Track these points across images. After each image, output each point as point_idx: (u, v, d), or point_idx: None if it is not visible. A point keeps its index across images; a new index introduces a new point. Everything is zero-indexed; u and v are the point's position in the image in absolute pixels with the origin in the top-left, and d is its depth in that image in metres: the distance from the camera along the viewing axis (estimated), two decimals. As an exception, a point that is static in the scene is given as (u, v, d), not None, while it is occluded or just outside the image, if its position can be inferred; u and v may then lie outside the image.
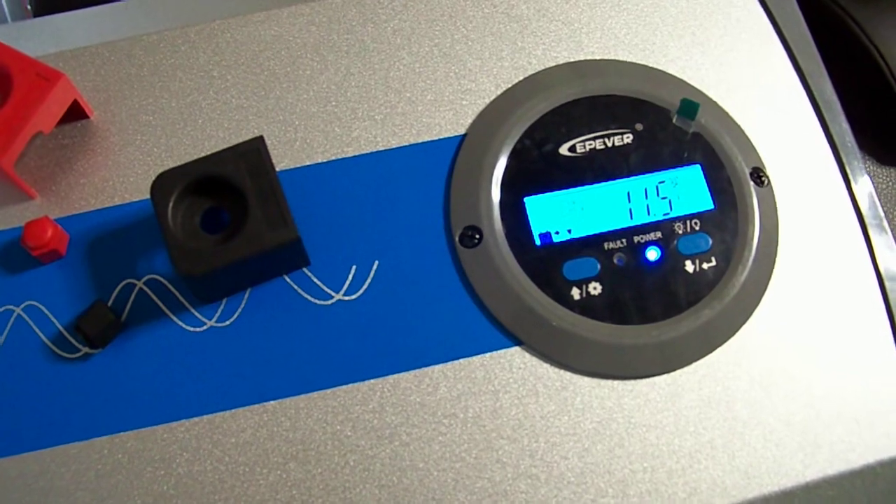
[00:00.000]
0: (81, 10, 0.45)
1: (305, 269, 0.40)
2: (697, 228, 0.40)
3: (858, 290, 0.41)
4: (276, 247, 0.36)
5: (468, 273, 0.39)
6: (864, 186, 0.43)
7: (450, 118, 0.42)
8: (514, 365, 0.39)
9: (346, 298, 0.39)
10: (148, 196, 0.40)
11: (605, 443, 0.38)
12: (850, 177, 0.43)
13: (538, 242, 0.39)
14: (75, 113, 0.41)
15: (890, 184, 0.61)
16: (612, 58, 0.44)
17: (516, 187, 0.40)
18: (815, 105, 0.44)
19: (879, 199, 0.43)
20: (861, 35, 0.58)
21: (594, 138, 0.41)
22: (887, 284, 0.41)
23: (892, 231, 0.43)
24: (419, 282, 0.39)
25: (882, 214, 0.43)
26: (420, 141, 0.42)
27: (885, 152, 0.62)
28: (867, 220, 0.42)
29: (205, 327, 0.39)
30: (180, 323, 0.39)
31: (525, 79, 0.43)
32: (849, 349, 0.40)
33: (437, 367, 0.38)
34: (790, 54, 0.45)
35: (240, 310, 0.39)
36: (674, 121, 0.42)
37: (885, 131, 0.60)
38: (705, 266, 0.40)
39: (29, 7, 0.55)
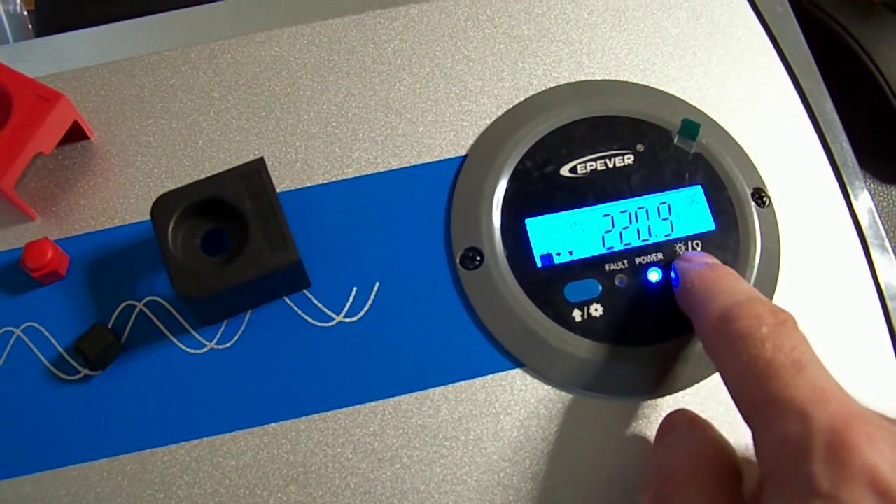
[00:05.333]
0: (82, 30, 0.45)
1: (306, 291, 0.39)
2: (699, 249, 0.40)
3: (860, 310, 0.41)
4: (276, 269, 0.36)
5: (469, 295, 0.39)
6: (865, 206, 0.43)
7: (450, 139, 0.42)
8: (515, 387, 0.38)
9: (347, 320, 0.39)
10: (148, 217, 0.40)
11: (608, 464, 0.38)
12: (852, 196, 0.43)
13: (539, 264, 0.39)
14: (75, 134, 0.41)
15: (891, 202, 0.61)
16: (613, 78, 0.44)
17: (517, 209, 0.40)
18: (816, 125, 0.44)
19: (881, 218, 0.43)
20: (861, 53, 0.58)
21: (595, 159, 0.41)
22: (889, 304, 0.41)
23: (893, 250, 0.43)
24: (420, 304, 0.39)
25: (884, 234, 0.42)
26: (421, 162, 0.42)
27: (887, 171, 0.62)
28: (868, 240, 0.42)
29: (205, 349, 0.39)
30: (181, 345, 0.39)
31: (526, 99, 0.43)
32: (851, 368, 0.40)
33: (439, 390, 0.38)
34: (791, 74, 0.45)
35: (240, 332, 0.39)
36: (675, 141, 0.42)
37: (886, 150, 0.60)
38: (707, 287, 0.40)
39: (31, 27, 0.55)
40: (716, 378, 0.39)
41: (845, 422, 0.27)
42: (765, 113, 0.44)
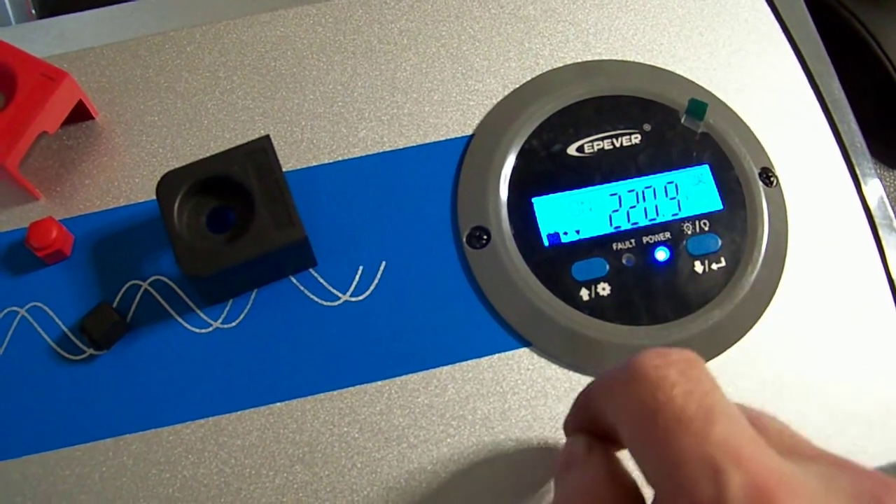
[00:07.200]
0: (86, 11, 0.45)
1: (312, 270, 0.39)
2: (706, 229, 0.40)
3: (869, 290, 0.41)
4: (282, 247, 0.36)
5: (476, 274, 0.39)
6: (873, 186, 0.43)
7: (457, 119, 0.42)
8: (522, 366, 0.38)
9: (353, 299, 0.39)
10: (153, 197, 0.40)
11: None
12: (860, 176, 0.43)
13: (546, 243, 0.39)
14: (80, 114, 0.41)
15: (898, 187, 0.61)
16: (620, 58, 0.44)
17: (524, 188, 0.40)
18: (823, 105, 0.44)
19: (889, 200, 0.43)
20: (869, 39, 0.58)
21: (602, 138, 0.41)
22: (898, 283, 0.41)
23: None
24: (426, 283, 0.39)
25: (892, 214, 0.42)
26: (427, 141, 0.42)
27: (894, 155, 0.62)
28: (877, 220, 0.42)
29: (210, 328, 0.38)
30: (186, 324, 0.38)
31: (532, 79, 0.43)
32: (860, 349, 0.40)
33: (445, 369, 0.38)
34: (798, 54, 0.45)
35: (246, 311, 0.39)
36: (682, 121, 0.42)
37: (893, 134, 0.60)
38: (714, 266, 0.39)
39: (33, 11, 0.55)
40: (721, 359, 0.39)
41: (763, 490, 0.23)
42: (772, 93, 0.44)
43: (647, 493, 0.32)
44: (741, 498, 0.23)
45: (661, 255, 0.39)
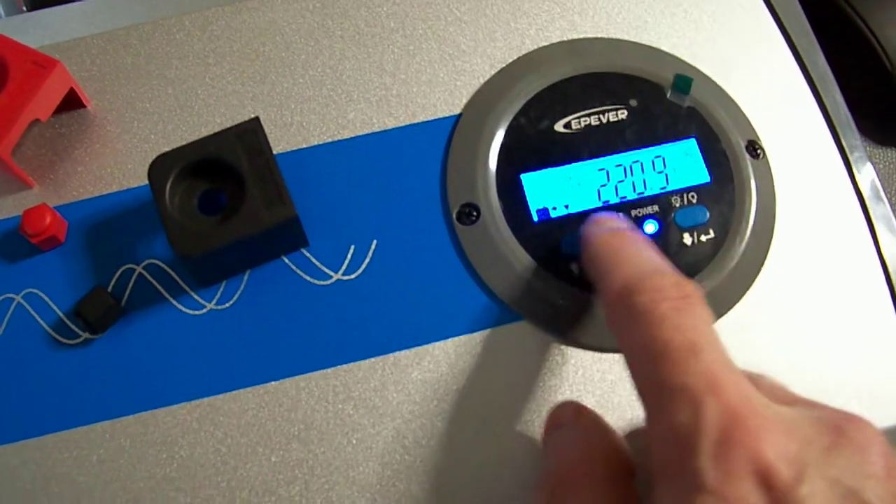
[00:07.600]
0: (75, 3, 0.45)
1: (304, 250, 0.40)
2: (694, 201, 0.40)
3: (857, 260, 0.41)
4: (274, 226, 0.36)
5: (466, 250, 0.39)
6: (859, 157, 0.43)
7: (445, 98, 0.42)
8: (514, 340, 0.38)
9: (345, 278, 0.39)
10: (145, 182, 0.40)
11: (607, 417, 0.38)
12: (846, 148, 0.43)
13: (536, 218, 0.39)
14: (72, 102, 0.41)
15: (887, 164, 0.61)
16: (606, 36, 0.44)
17: (513, 164, 0.40)
18: (808, 78, 0.44)
19: (875, 170, 0.43)
20: (855, 17, 0.58)
21: (589, 115, 0.41)
22: (885, 252, 0.41)
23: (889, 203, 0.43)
24: (418, 260, 0.39)
25: (879, 185, 0.43)
26: (415, 121, 0.42)
27: (882, 134, 0.62)
28: (863, 191, 0.42)
29: (204, 310, 0.39)
30: (180, 306, 0.39)
31: (519, 58, 0.43)
32: (849, 320, 0.40)
33: (438, 344, 0.38)
34: (782, 29, 0.45)
35: (239, 292, 0.39)
36: (668, 96, 0.42)
37: (881, 113, 0.60)
38: (703, 238, 0.40)
39: (24, 8, 0.55)
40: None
41: (735, 415, 0.26)
42: (756, 67, 0.44)
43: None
44: (716, 422, 0.25)
45: (650, 227, 0.40)
